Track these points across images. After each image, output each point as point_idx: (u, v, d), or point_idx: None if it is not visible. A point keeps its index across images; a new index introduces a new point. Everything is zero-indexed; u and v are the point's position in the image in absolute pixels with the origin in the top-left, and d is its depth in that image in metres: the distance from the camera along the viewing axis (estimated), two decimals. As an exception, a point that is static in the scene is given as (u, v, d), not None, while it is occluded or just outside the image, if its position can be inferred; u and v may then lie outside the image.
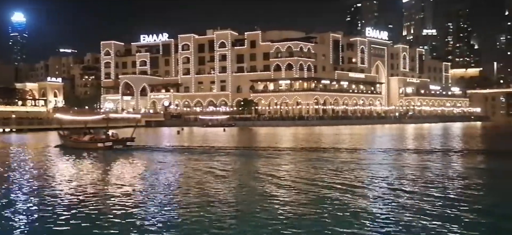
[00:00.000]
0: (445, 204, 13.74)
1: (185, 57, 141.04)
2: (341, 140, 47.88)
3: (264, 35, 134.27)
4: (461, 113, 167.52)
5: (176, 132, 72.37)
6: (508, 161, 27.18)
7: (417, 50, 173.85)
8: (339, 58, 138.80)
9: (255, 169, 22.84)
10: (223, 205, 14.00)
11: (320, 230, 11.08)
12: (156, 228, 11.55)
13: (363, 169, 22.56)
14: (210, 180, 19.44)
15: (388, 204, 13.92)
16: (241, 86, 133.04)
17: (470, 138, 52.04)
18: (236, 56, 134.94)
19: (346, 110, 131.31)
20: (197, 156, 30.43)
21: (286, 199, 14.93)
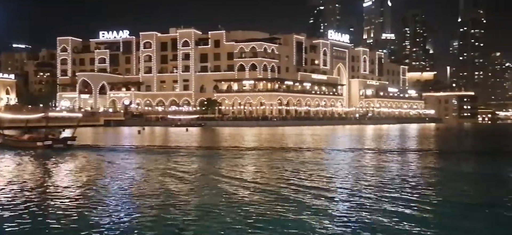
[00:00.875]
0: (399, 202, 14.06)
1: (147, 55, 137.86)
2: (303, 141, 48.39)
3: (228, 35, 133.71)
4: (417, 114, 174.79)
5: (137, 132, 70.55)
6: (457, 161, 28.44)
7: (376, 53, 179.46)
8: (302, 60, 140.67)
9: (211, 169, 22.49)
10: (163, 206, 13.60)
11: (281, 230, 10.98)
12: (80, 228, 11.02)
13: (323, 168, 22.77)
14: (153, 179, 18.99)
15: (345, 202, 14.06)
16: (205, 85, 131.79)
17: (424, 139, 54.23)
18: (200, 55, 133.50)
19: (308, 111, 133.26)
20: (151, 156, 29.70)
21: (246, 199, 14.72)
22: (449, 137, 61.95)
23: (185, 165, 24.80)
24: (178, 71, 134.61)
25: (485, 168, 24.48)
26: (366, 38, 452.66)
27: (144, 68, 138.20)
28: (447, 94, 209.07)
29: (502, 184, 18.97)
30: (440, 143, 47.42)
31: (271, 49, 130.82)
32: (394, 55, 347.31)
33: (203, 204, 14.20)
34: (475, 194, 16.48)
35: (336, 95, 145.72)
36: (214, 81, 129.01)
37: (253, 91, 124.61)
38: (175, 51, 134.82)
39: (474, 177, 21.22)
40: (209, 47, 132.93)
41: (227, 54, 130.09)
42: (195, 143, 44.44)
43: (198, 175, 20.96)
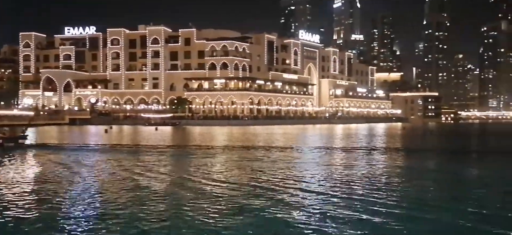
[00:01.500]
0: (366, 198, 14.18)
1: (115, 52, 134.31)
2: (274, 139, 48.43)
3: (199, 33, 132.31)
4: (384, 114, 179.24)
5: (104, 130, 68.62)
6: (422, 159, 29.20)
7: (346, 54, 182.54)
8: (273, 59, 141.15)
9: (178, 169, 22.01)
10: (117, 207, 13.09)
11: (250, 228, 10.76)
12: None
13: (292, 166, 22.74)
14: (104, 179, 18.33)
15: (314, 198, 14.02)
16: (175, 84, 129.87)
17: (391, 138, 55.53)
18: (170, 53, 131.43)
19: (279, 110, 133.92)
20: (114, 155, 28.79)
21: (213, 198, 14.40)
22: (415, 136, 63.74)
23: (149, 164, 24.13)
24: (147, 69, 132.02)
25: (448, 166, 25.19)
26: (336, 38, 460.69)
27: (112, 65, 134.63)
28: (413, 94, 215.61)
29: (463, 180, 19.52)
30: (406, 142, 48.65)
31: (243, 48, 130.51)
32: (363, 56, 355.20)
33: (167, 204, 13.74)
34: (438, 190, 16.83)
35: (307, 94, 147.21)
36: (185, 80, 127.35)
37: (224, 90, 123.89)
38: (144, 48, 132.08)
39: (438, 174, 21.74)
40: (179, 45, 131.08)
41: (198, 53, 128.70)
42: (163, 142, 43.55)
43: (163, 175, 20.39)
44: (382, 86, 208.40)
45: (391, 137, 56.90)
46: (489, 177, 20.46)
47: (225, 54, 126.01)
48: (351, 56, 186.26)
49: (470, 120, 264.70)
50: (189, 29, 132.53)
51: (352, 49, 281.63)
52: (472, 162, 27.95)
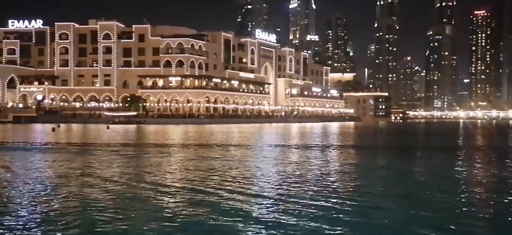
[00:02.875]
0: (320, 195, 14.33)
1: (63, 47, 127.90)
2: (230, 138, 48.17)
3: (154, 30, 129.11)
4: (338, 113, 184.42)
5: (51, 129, 65.18)
6: (373, 156, 30.21)
7: (302, 54, 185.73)
8: (230, 58, 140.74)
9: (127, 168, 21.21)
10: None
11: (204, 228, 10.45)
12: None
13: (248, 164, 22.63)
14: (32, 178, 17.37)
15: (268, 195, 13.95)
16: (128, 81, 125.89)
17: (344, 136, 57.10)
18: (123, 49, 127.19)
19: (236, 109, 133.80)
20: (51, 155, 27.34)
21: (165, 199, 13.93)
22: (366, 135, 65.95)
23: (93, 164, 23.05)
24: (99, 65, 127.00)
25: (397, 163, 26.18)
26: (292, 38, 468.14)
27: (60, 61, 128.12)
28: (365, 94, 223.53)
29: (411, 176, 20.30)
30: (358, 140, 50.17)
31: (199, 45, 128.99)
32: (318, 56, 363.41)
33: (111, 205, 13.09)
34: (388, 186, 17.35)
35: (263, 93, 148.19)
36: (138, 77, 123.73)
37: (179, 88, 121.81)
38: (95, 44, 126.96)
39: (387, 171, 22.49)
40: (133, 41, 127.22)
41: (153, 49, 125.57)
42: (114, 141, 41.94)
43: (108, 174, 19.52)
44: (336, 86, 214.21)
45: (344, 136, 58.47)
46: (428, 173, 21.45)
47: (181, 51, 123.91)
48: (306, 56, 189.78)
49: (417, 119, 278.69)
50: (143, 25, 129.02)
51: (307, 50, 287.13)
52: (417, 159, 29.23)
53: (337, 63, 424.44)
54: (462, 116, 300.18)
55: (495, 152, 34.39)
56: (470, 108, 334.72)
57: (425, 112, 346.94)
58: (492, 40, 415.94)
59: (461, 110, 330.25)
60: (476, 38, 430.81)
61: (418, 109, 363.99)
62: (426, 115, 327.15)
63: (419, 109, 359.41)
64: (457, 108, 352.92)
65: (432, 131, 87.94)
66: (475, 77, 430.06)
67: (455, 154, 32.06)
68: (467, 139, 54.28)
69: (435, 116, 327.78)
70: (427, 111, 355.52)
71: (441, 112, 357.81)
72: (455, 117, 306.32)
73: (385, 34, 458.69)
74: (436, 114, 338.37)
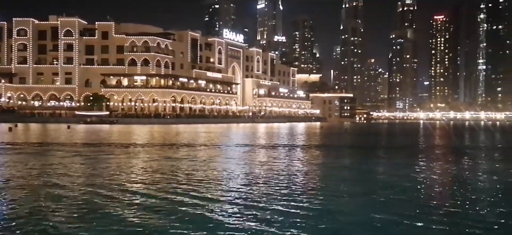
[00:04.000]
0: (286, 194, 14.37)
1: (21, 44, 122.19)
2: (197, 138, 47.59)
3: (118, 27, 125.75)
4: (305, 114, 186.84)
5: (8, 129, 62.05)
6: (337, 155, 30.73)
7: (269, 54, 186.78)
8: (197, 57, 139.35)
9: (87, 169, 20.44)
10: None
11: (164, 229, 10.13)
12: None
13: (215, 164, 22.38)
14: None
15: (234, 195, 13.82)
16: (91, 80, 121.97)
17: (310, 136, 57.83)
18: (85, 47, 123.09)
19: (203, 108, 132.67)
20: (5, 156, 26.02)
21: (125, 201, 13.46)
22: (331, 135, 67.09)
23: (50, 165, 22.06)
24: (59, 62, 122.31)
25: (361, 162, 26.71)
26: (260, 39, 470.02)
27: (18, 58, 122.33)
28: (330, 95, 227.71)
29: (374, 176, 20.72)
30: (324, 140, 50.92)
31: (165, 44, 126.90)
32: (285, 57, 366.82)
33: (63, 211, 12.49)
34: (351, 186, 17.60)
35: (231, 93, 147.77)
36: (102, 76, 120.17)
37: (145, 87, 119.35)
38: (56, 41, 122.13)
39: (351, 170, 22.88)
40: (96, 38, 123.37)
41: (117, 47, 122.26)
42: (75, 141, 40.41)
43: (64, 177, 18.71)
44: (302, 87, 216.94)
45: (310, 136, 59.20)
46: (390, 172, 22.02)
47: (147, 50, 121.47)
48: (274, 57, 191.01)
49: (381, 120, 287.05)
50: (107, 22, 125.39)
51: (274, 50, 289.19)
52: (380, 158, 29.96)
53: (303, 64, 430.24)
54: (422, 117, 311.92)
55: (452, 151, 35.84)
56: (430, 109, 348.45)
57: (388, 113, 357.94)
58: (450, 44, 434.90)
59: (421, 111, 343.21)
60: (436, 42, 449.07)
61: (381, 110, 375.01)
62: (389, 116, 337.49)
63: (382, 110, 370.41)
64: (417, 109, 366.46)
65: (395, 131, 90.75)
66: (435, 79, 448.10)
67: (415, 153, 33.13)
68: (427, 139, 56.35)
69: (397, 117, 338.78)
70: (390, 112, 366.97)
71: (403, 113, 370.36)
72: (416, 118, 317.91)
73: (350, 36, 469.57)
74: (398, 115, 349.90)
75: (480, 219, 12.02)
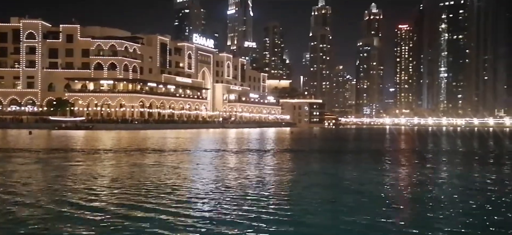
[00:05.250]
0: (255, 198, 14.28)
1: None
2: (166, 144, 46.74)
3: (84, 30, 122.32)
4: (275, 119, 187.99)
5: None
6: (307, 160, 30.97)
7: (239, 60, 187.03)
8: (166, 62, 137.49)
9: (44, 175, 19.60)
10: None
11: None
12: None
13: (184, 170, 21.99)
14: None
15: (204, 200, 13.59)
16: (54, 84, 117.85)
17: (280, 141, 58.12)
18: (49, 50, 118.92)
19: (172, 114, 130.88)
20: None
21: (89, 205, 12.93)
22: (301, 140, 67.72)
23: (5, 173, 21.01)
24: (21, 66, 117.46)
25: (330, 166, 27.02)
26: (230, 44, 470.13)
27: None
28: (300, 101, 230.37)
29: (341, 181, 20.99)
30: (293, 145, 51.27)
31: (133, 48, 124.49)
32: (255, 62, 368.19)
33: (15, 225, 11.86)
34: (321, 189, 17.72)
35: (201, 98, 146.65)
36: (66, 80, 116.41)
37: (112, 92, 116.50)
38: (18, 43, 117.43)
39: (319, 175, 23.07)
40: (60, 41, 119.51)
41: (82, 51, 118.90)
42: (37, 147, 38.71)
43: (22, 186, 17.85)
44: (272, 92, 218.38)
45: (280, 141, 59.49)
46: (357, 177, 22.41)
47: (114, 54, 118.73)
48: (244, 63, 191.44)
49: (348, 125, 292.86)
50: (72, 25, 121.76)
51: (245, 56, 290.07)
52: (347, 163, 30.43)
53: (274, 70, 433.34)
54: (388, 123, 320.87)
55: (416, 156, 36.93)
56: (395, 115, 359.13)
57: (356, 118, 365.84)
58: (414, 52, 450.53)
59: (387, 117, 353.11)
60: (400, 50, 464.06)
61: (349, 115, 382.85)
62: (357, 121, 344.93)
63: (350, 116, 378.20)
64: (384, 115, 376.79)
65: (362, 136, 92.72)
66: (400, 86, 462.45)
67: (382, 157, 33.90)
68: (393, 144, 57.89)
69: (364, 122, 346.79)
70: (358, 117, 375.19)
71: (370, 118, 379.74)
72: (382, 123, 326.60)
73: (319, 43, 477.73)
74: (366, 121, 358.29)
75: (443, 222, 12.34)
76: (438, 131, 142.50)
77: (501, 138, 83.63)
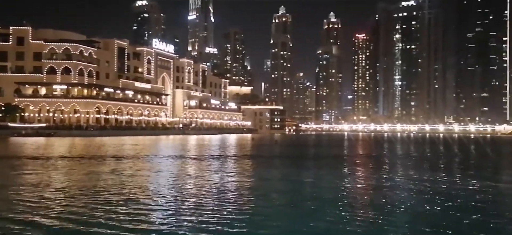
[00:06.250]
0: (215, 205, 14.01)
1: None
2: (123, 151, 45.23)
3: (36, 33, 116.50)
4: (236, 125, 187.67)
5: None
6: (268, 165, 31.01)
7: (200, 66, 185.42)
8: (124, 66, 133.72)
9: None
10: None
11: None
12: None
13: (141, 177, 21.27)
14: None
15: (164, 207, 13.15)
16: (3, 88, 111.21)
17: (241, 148, 57.98)
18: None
19: (130, 120, 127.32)
20: None
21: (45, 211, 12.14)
22: (262, 146, 67.95)
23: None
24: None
25: (290, 172, 27.18)
26: (191, 50, 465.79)
27: None
28: (261, 107, 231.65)
29: (302, 185, 21.14)
30: (254, 151, 51.30)
31: (89, 52, 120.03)
32: (216, 68, 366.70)
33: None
34: (281, 194, 17.72)
35: (160, 104, 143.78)
36: (16, 84, 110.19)
37: (65, 97, 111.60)
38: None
39: (278, 181, 23.13)
40: (10, 44, 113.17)
41: (34, 54, 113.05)
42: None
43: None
44: (234, 98, 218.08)
45: (241, 147, 59.35)
46: (316, 182, 22.70)
47: (68, 58, 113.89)
48: (205, 68, 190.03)
49: (309, 131, 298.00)
50: (23, 27, 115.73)
51: (206, 62, 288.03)
52: (306, 169, 30.78)
53: (235, 76, 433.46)
54: (346, 129, 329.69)
55: (373, 160, 38.03)
56: (353, 121, 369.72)
57: (316, 124, 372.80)
58: (370, 61, 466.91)
59: (346, 123, 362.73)
60: (358, 58, 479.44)
61: (309, 122, 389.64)
62: (316, 127, 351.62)
63: (310, 122, 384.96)
64: (342, 122, 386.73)
65: (321, 142, 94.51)
66: (357, 93, 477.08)
67: (340, 162, 34.58)
68: (350, 149, 59.37)
69: (324, 128, 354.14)
70: (317, 124, 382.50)
71: (329, 125, 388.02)
72: (341, 129, 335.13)
73: (280, 50, 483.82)
74: (325, 127, 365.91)
75: (398, 225, 12.66)
76: (393, 137, 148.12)
77: (450, 143, 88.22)
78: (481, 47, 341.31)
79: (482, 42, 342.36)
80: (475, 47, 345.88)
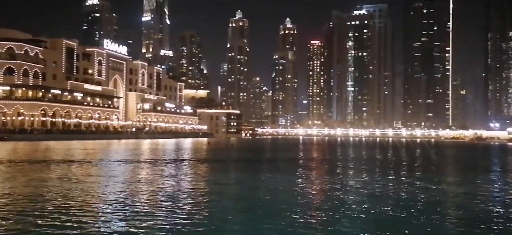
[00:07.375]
0: (170, 211, 13.52)
1: None
2: (70, 155, 42.96)
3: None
4: (192, 130, 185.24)
5: None
6: (224, 170, 30.72)
7: (155, 68, 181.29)
8: (73, 68, 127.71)
9: None
10: None
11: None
12: None
13: (87, 184, 20.18)
14: None
15: (117, 216, 12.45)
16: None
17: (196, 152, 57.15)
18: None
19: (79, 123, 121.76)
20: None
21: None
22: (218, 150, 67.44)
23: None
24: None
25: (246, 176, 27.04)
26: (145, 52, 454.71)
27: None
28: (218, 111, 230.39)
29: (257, 188, 21.05)
30: (210, 155, 50.75)
31: (35, 52, 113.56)
32: (172, 71, 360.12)
33: None
34: (238, 198, 17.50)
35: (112, 107, 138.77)
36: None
37: (8, 99, 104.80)
38: None
39: (237, 184, 22.91)
40: None
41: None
42: None
43: None
44: (190, 102, 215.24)
45: (196, 151, 58.51)
46: (272, 186, 22.73)
47: (12, 57, 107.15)
48: (160, 71, 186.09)
49: (265, 135, 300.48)
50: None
51: (161, 64, 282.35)
52: (262, 172, 30.80)
53: (191, 80, 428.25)
54: (301, 133, 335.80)
55: (326, 163, 38.82)
56: (308, 126, 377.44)
57: (272, 129, 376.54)
58: (325, 67, 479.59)
59: (301, 128, 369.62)
60: (313, 64, 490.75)
61: (265, 126, 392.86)
62: (272, 132, 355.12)
63: (267, 126, 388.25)
64: (298, 126, 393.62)
65: (277, 146, 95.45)
66: (312, 98, 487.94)
67: (295, 166, 34.94)
68: (305, 153, 60.36)
69: (279, 133, 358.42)
70: (273, 128, 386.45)
71: (285, 129, 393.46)
72: (296, 134, 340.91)
73: (236, 54, 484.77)
74: (281, 131, 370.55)
75: (352, 226, 12.82)
76: (346, 141, 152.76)
77: (398, 147, 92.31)
78: (426, 56, 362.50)
79: (427, 51, 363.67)
80: (421, 55, 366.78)
